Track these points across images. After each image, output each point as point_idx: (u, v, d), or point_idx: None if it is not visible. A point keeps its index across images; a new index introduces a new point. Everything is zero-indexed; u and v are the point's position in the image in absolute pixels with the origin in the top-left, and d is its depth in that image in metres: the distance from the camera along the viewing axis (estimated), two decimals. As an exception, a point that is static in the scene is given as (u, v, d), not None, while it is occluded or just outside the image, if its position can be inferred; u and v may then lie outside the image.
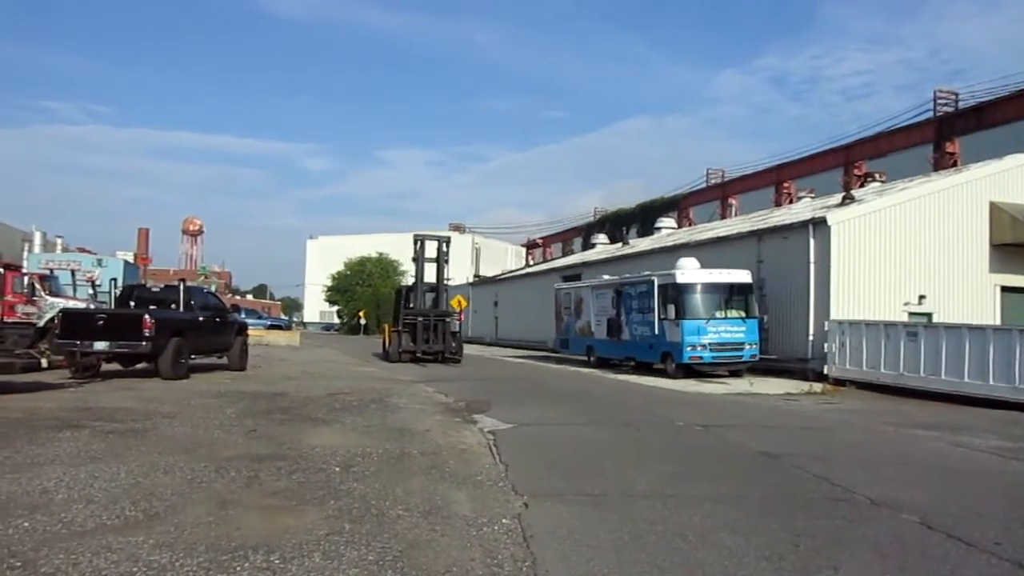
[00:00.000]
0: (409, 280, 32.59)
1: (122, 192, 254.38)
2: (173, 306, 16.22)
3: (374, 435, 9.08)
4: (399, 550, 4.62)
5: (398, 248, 78.87)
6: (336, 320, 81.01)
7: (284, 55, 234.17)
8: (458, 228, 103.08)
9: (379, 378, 18.06)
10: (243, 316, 25.86)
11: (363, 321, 66.06)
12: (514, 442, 9.18)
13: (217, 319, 17.56)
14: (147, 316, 14.45)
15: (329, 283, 76.09)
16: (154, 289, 18.37)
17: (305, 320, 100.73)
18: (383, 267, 74.08)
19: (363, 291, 70.96)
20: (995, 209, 22.35)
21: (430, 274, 26.09)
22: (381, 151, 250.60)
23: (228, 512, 5.32)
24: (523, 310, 43.14)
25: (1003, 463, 8.92)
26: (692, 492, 6.65)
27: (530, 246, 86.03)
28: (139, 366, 15.78)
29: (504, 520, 5.39)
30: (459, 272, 75.77)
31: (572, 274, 36.31)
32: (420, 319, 24.69)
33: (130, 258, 59.11)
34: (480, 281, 59.05)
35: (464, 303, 46.02)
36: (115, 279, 21.47)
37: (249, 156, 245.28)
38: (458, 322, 27.54)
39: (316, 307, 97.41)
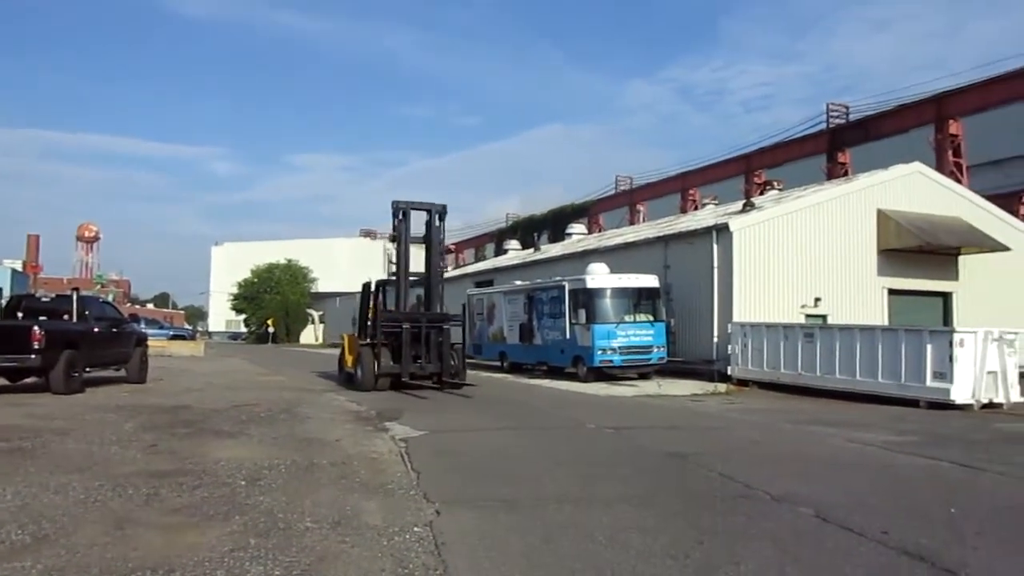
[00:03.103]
0: (365, 276, 22.52)
1: (9, 196, 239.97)
2: (66, 317, 15.41)
3: (282, 446, 8.86)
4: (307, 563, 4.53)
5: (308, 254, 77.53)
6: (243, 329, 78.69)
7: (190, 56, 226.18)
8: (370, 234, 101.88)
9: (288, 388, 17.63)
10: (143, 326, 24.59)
11: (271, 330, 64.34)
12: (426, 449, 9.12)
13: (114, 330, 16.79)
14: (36, 328, 13.69)
15: (235, 291, 73.80)
16: (45, 299, 17.38)
17: (210, 330, 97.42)
18: (292, 274, 72.40)
19: (271, 299, 69.14)
20: (882, 216, 23.67)
21: (416, 263, 18.15)
22: (292, 155, 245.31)
23: (125, 532, 5.09)
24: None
25: (891, 456, 9.45)
26: (602, 494, 6.77)
27: (443, 252, 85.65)
28: (28, 380, 14.91)
29: (416, 528, 5.35)
30: (372, 278, 74.99)
31: (485, 280, 36.40)
32: (406, 326, 16.67)
33: (18, 266, 55.91)
34: (392, 287, 58.35)
35: (376, 310, 45.48)
36: (1, 289, 20.25)
37: (151, 159, 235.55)
38: (461, 329, 19.24)
39: (222, 316, 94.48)
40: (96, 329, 15.84)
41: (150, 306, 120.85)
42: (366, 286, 19.65)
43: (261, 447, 8.80)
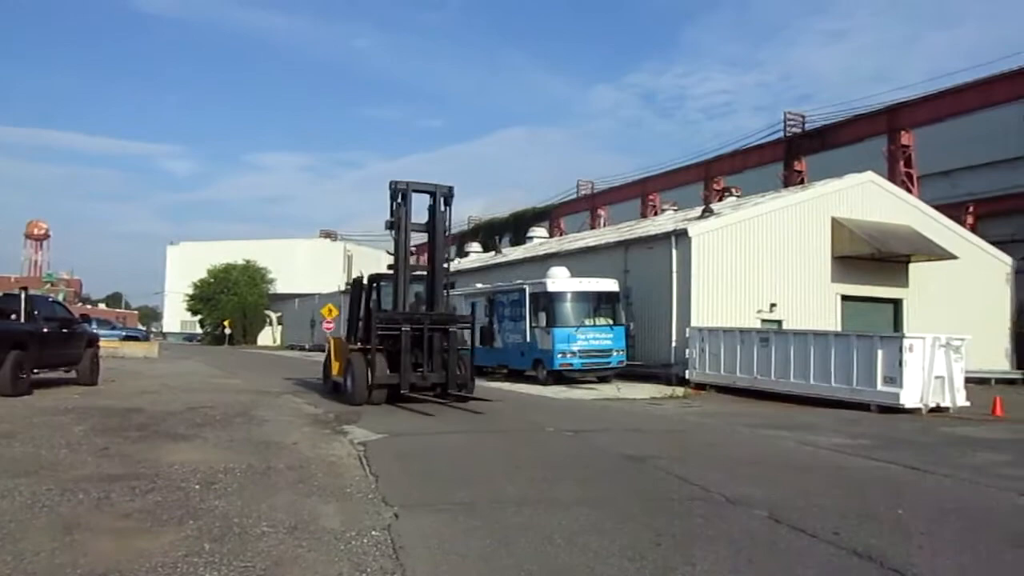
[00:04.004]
0: (362, 269, 21.22)
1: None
2: (13, 316, 14.98)
3: (238, 450, 8.73)
4: (262, 568, 4.48)
5: (267, 255, 76.56)
6: (199, 330, 77.40)
7: (147, 52, 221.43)
8: (329, 235, 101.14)
9: (245, 390, 17.37)
10: (94, 327, 23.97)
11: (228, 331, 63.33)
12: (385, 453, 9.08)
13: (64, 330, 16.36)
14: (-18, 327, 13.28)
15: (191, 292, 72.53)
16: (-9, 298, 16.87)
17: (165, 331, 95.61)
18: (250, 275, 71.38)
19: (228, 300, 68.07)
20: (836, 224, 24.21)
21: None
22: (251, 155, 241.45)
23: (74, 537, 4.97)
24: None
25: (843, 459, 9.67)
26: (561, 496, 6.81)
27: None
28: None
29: (374, 532, 5.32)
30: (331, 279, 74.39)
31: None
32: (405, 329, 14.01)
33: (-37, 264, 54.06)
34: (352, 289, 57.95)
35: (336, 311, 45.11)
36: (-55, 287, 19.63)
37: (105, 156, 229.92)
38: (468, 332, 15.92)
39: (177, 317, 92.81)
40: (45, 329, 15.43)
41: (102, 306, 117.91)
42: (357, 282, 17.34)
43: (216, 450, 8.67)
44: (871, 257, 23.92)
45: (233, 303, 67.32)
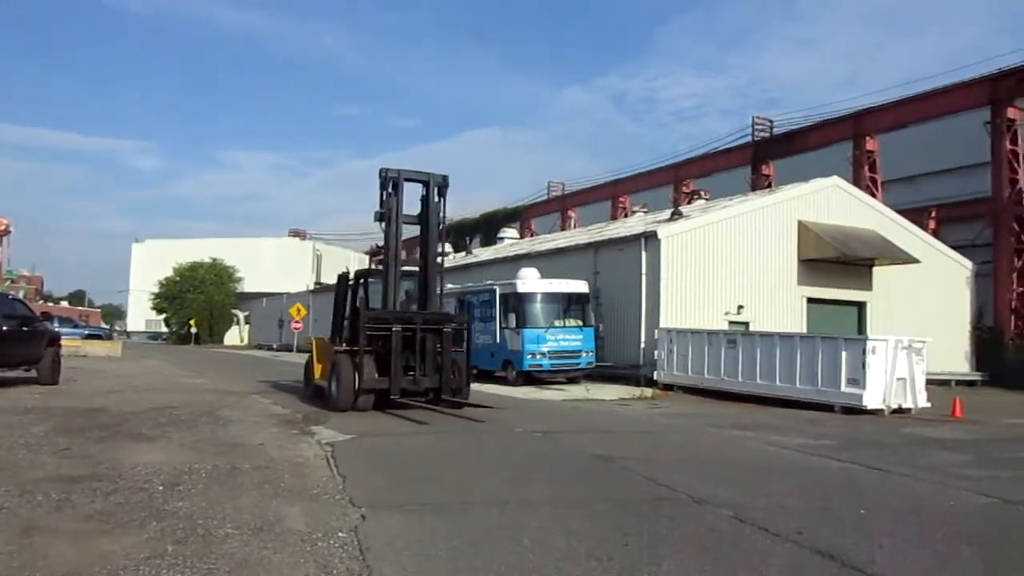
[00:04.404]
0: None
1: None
2: (-29, 314, 14.64)
3: (203, 451, 8.62)
4: (227, 570, 4.42)
5: (234, 254, 75.71)
6: (164, 329, 76.32)
7: (112, 46, 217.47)
8: (298, 234, 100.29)
9: (210, 390, 17.15)
10: (56, 325, 23.50)
11: (194, 330, 62.52)
12: (353, 453, 9.02)
13: (24, 328, 16.02)
14: (-62, 325, 12.96)
15: (157, 290, 71.47)
16: (-52, 295, 16.48)
17: (129, 329, 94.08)
18: (217, 273, 70.57)
19: (195, 298, 67.23)
20: (802, 227, 24.56)
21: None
22: (220, 152, 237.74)
23: (33, 540, 4.87)
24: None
25: (807, 459, 9.82)
26: (529, 497, 6.83)
27: (373, 253, 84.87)
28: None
29: (340, 534, 5.29)
30: (299, 279, 73.80)
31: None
32: (396, 329, 12.99)
33: (-81, 260, 52.75)
34: (322, 288, 57.54)
35: (304, 311, 44.75)
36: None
37: (69, 151, 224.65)
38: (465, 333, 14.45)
39: (142, 315, 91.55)
40: (5, 328, 15.10)
41: (64, 304, 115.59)
42: (343, 278, 16.09)
43: (181, 451, 8.55)
44: (836, 260, 24.31)
45: (199, 302, 66.54)
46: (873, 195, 30.68)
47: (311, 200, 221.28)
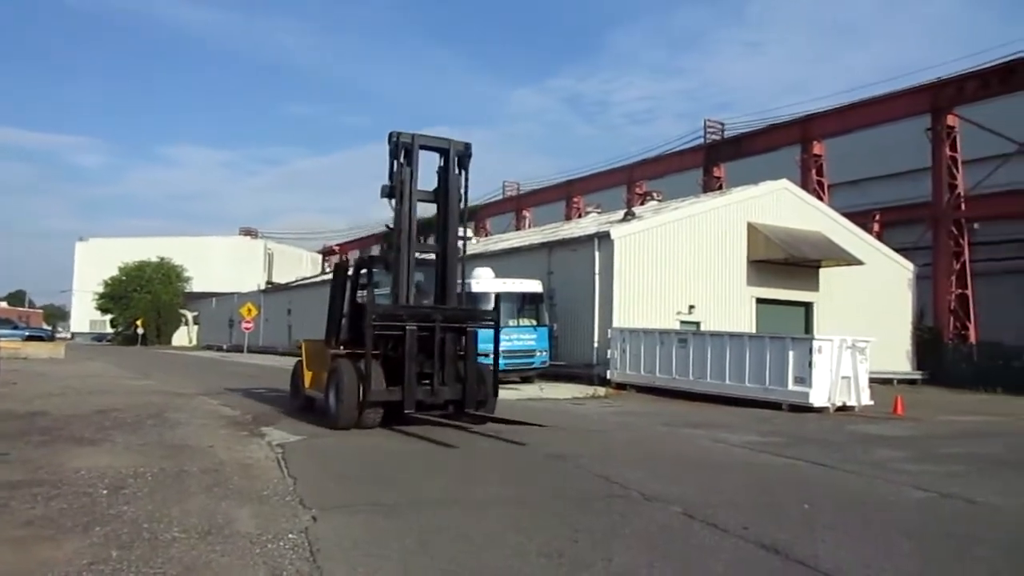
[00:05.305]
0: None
1: None
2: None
3: (149, 454, 8.45)
4: (173, 575, 4.35)
5: (183, 253, 74.20)
6: (109, 330, 74.44)
7: (54, 39, 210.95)
8: (249, 233, 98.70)
9: (157, 392, 16.79)
10: (-6, 325, 22.74)
11: (140, 331, 61.08)
12: (304, 454, 8.93)
13: (-39, 329, 15.48)
14: None
15: (101, 290, 69.66)
16: None
17: (73, 330, 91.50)
18: (165, 273, 69.11)
19: (141, 298, 65.70)
20: (752, 229, 25.04)
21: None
22: (167, 148, 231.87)
23: (-31, 547, 4.73)
24: (319, 318, 41.94)
25: (754, 456, 10.02)
26: (481, 496, 6.85)
27: (327, 253, 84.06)
28: None
29: (291, 535, 5.24)
30: (250, 278, 72.66)
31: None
32: (412, 328, 10.83)
33: None
34: (273, 288, 56.79)
35: (255, 311, 44.08)
36: None
37: (8, 147, 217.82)
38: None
39: (86, 316, 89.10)
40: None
41: (3, 305, 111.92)
42: (340, 268, 13.92)
43: (126, 454, 8.36)
44: (784, 261, 24.83)
45: (146, 302, 65.08)
46: (820, 198, 31.41)
47: (262, 198, 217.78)
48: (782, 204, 26.32)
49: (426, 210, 12.25)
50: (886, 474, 8.70)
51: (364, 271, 12.99)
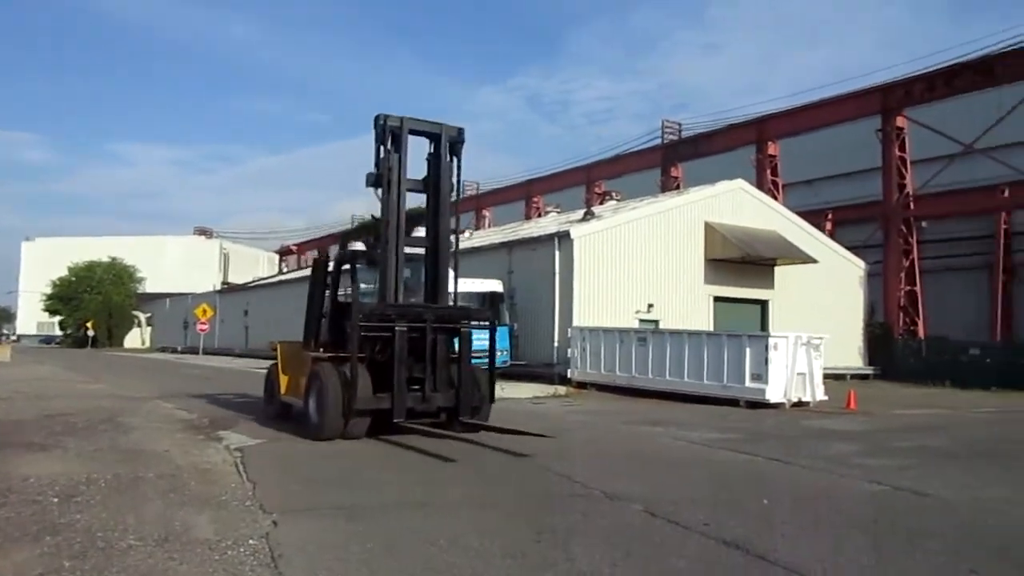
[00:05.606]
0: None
1: None
2: None
3: (103, 459, 8.25)
4: (130, 584, 4.26)
5: (135, 253, 72.61)
6: (58, 332, 72.52)
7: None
8: (204, 232, 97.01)
9: (110, 396, 16.40)
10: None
11: (91, 333, 59.62)
12: (264, 458, 8.80)
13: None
14: None
15: (50, 290, 67.81)
16: None
17: (19, 332, 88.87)
18: (116, 273, 67.59)
19: (91, 299, 64.14)
20: (709, 228, 25.38)
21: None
22: (116, 145, 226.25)
23: (-87, 560, 4.57)
24: (276, 319, 41.42)
25: (713, 453, 10.16)
26: (443, 498, 6.83)
27: (284, 253, 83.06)
28: None
29: (251, 541, 5.16)
30: (205, 279, 71.37)
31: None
32: (401, 328, 9.93)
33: None
34: (229, 289, 55.89)
35: (210, 312, 43.34)
36: None
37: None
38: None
39: (33, 318, 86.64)
40: None
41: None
42: (320, 264, 12.70)
43: (78, 461, 8.15)
44: (741, 260, 25.22)
45: (97, 303, 63.60)
46: (775, 197, 31.98)
47: (217, 197, 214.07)
48: (738, 204, 26.73)
49: (414, 204, 11.41)
50: (841, 468, 8.88)
51: (346, 266, 11.83)
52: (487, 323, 11.46)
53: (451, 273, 11.02)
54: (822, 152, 37.01)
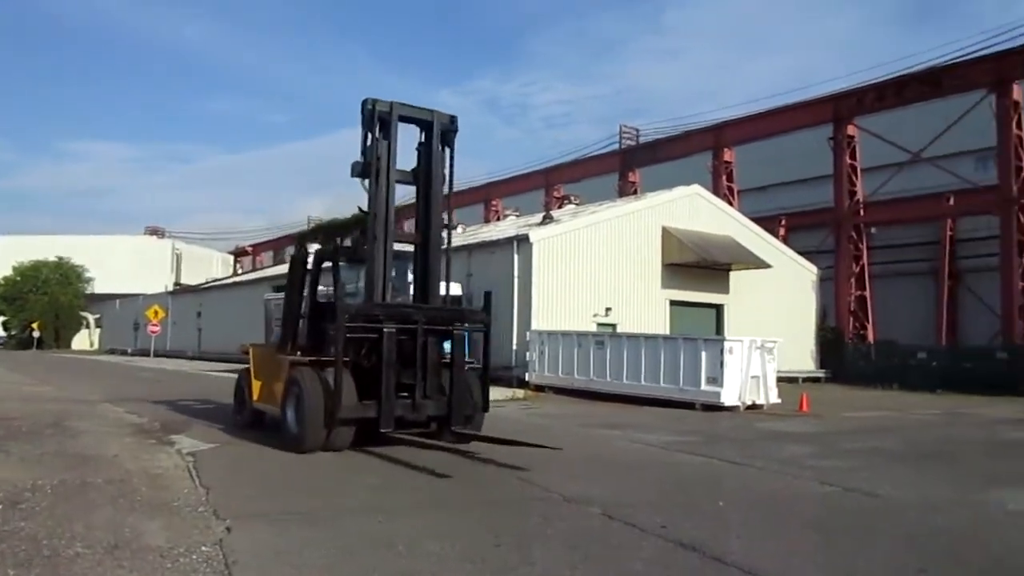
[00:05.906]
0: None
1: None
2: None
3: (49, 465, 8.00)
4: (77, 594, 4.14)
5: (84, 252, 70.67)
6: (2, 333, 70.25)
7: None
8: (156, 232, 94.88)
9: (56, 399, 15.93)
10: None
11: (37, 334, 57.91)
12: (217, 463, 8.63)
13: None
14: None
15: (-7, 291, 65.67)
16: None
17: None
18: (63, 273, 65.70)
19: (37, 300, 62.28)
20: (666, 233, 25.66)
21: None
22: (65, 142, 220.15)
23: None
24: (230, 321, 40.72)
25: (670, 455, 10.27)
26: (402, 503, 6.78)
27: (239, 254, 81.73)
28: None
29: (204, 548, 5.04)
30: (157, 279, 69.85)
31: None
32: (390, 330, 9.17)
33: None
34: (181, 290, 54.77)
35: (162, 313, 42.43)
36: None
37: None
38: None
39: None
40: None
41: None
42: (299, 261, 11.81)
43: (23, 466, 7.89)
44: (697, 265, 25.54)
45: (43, 303, 61.76)
46: (730, 203, 32.50)
47: (170, 197, 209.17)
48: (695, 209, 27.07)
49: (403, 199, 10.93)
50: (794, 470, 9.05)
51: (327, 264, 11.04)
52: (483, 325, 10.64)
53: (443, 272, 10.36)
54: (776, 159, 37.72)
